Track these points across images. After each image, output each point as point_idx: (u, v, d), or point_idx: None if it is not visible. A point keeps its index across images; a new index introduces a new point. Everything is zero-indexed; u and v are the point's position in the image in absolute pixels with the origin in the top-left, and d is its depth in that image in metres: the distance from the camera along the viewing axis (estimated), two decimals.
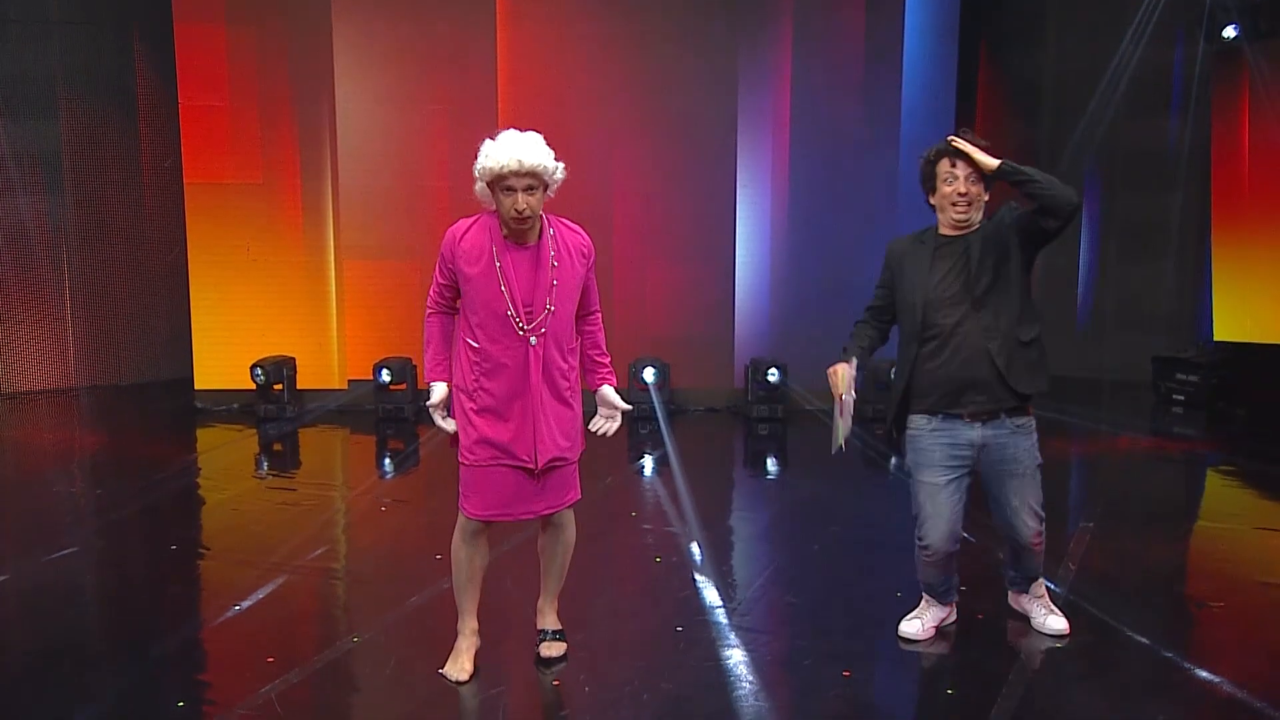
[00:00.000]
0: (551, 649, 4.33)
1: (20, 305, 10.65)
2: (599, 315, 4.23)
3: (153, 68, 10.68)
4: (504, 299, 3.86)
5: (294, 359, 10.00)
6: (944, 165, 4.25)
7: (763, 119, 9.93)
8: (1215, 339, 9.78)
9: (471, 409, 3.99)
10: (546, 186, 3.85)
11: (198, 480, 7.95)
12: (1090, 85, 10.07)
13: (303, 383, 10.05)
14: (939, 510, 4.32)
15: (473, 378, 3.97)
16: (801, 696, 4.14)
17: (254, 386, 9.66)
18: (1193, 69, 10.47)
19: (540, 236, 3.95)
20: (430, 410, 4.12)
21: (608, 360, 4.28)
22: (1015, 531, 4.41)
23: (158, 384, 10.99)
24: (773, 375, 9.64)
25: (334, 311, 10.14)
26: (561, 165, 3.88)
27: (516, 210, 3.78)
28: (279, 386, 9.74)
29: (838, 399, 4.28)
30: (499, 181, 3.79)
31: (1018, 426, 4.29)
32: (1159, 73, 10.58)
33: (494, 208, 3.92)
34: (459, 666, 4.14)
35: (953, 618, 4.70)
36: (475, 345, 3.94)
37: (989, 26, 10.70)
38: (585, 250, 4.06)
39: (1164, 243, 11.12)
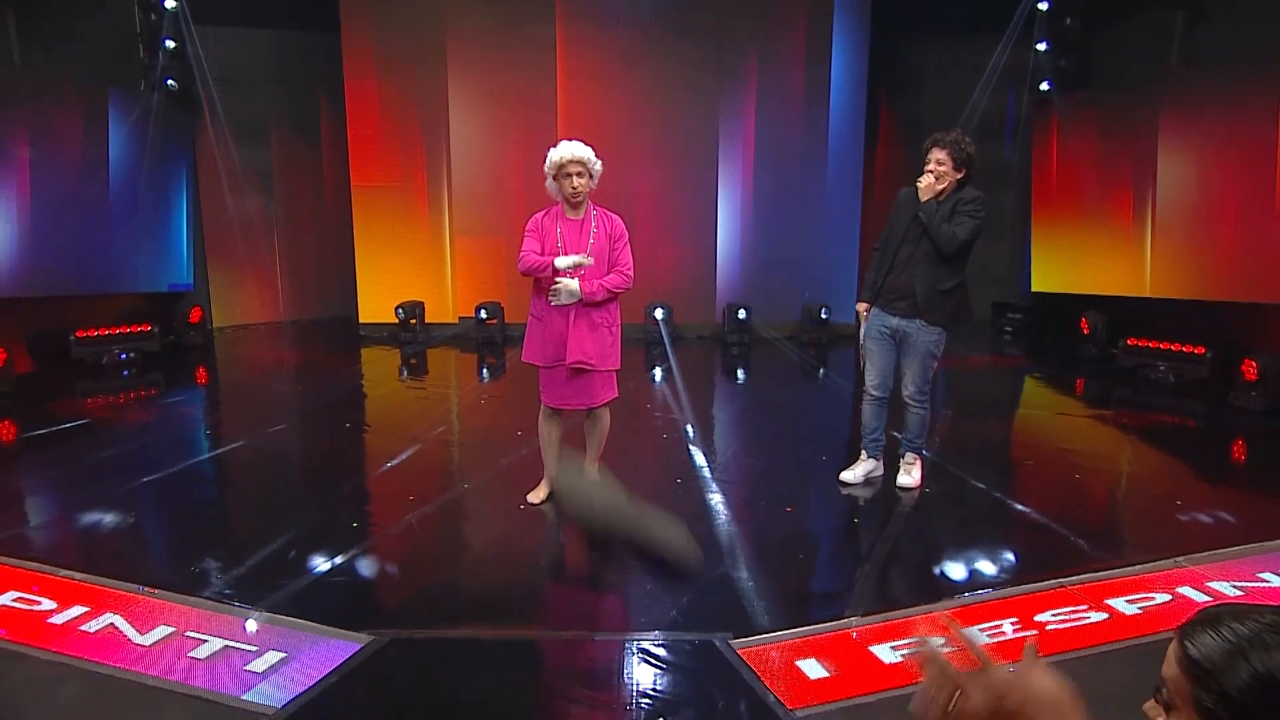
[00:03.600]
0: None
1: (249, 268, 10.57)
2: (620, 269, 3.98)
3: (331, 110, 10.43)
4: (559, 252, 3.91)
5: (423, 302, 9.89)
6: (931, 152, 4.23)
7: (735, 141, 9.67)
8: (1032, 290, 9.65)
9: (538, 326, 4.02)
10: (591, 175, 3.89)
11: (361, 383, 7.92)
12: (954, 119, 9.78)
13: (429, 318, 9.95)
14: (873, 363, 4.40)
15: (539, 304, 4.00)
16: (760, 524, 4.13)
17: (397, 320, 9.60)
18: (1020, 110, 10.24)
19: (585, 214, 3.98)
20: (570, 263, 3.82)
21: (605, 283, 3.92)
22: (903, 389, 4.39)
23: (335, 319, 10.92)
24: (742, 314, 9.53)
25: (449, 271, 9.99)
26: (600, 161, 3.93)
27: (573, 188, 3.86)
28: (413, 321, 9.65)
29: (861, 322, 4.45)
30: (560, 170, 3.86)
31: (922, 326, 4.24)
32: (999, 112, 10.29)
33: (558, 199, 3.98)
34: (536, 495, 4.27)
35: (879, 471, 4.66)
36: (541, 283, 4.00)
37: (886, 81, 10.41)
38: (615, 223, 4.05)
39: (1000, 226, 10.85)
